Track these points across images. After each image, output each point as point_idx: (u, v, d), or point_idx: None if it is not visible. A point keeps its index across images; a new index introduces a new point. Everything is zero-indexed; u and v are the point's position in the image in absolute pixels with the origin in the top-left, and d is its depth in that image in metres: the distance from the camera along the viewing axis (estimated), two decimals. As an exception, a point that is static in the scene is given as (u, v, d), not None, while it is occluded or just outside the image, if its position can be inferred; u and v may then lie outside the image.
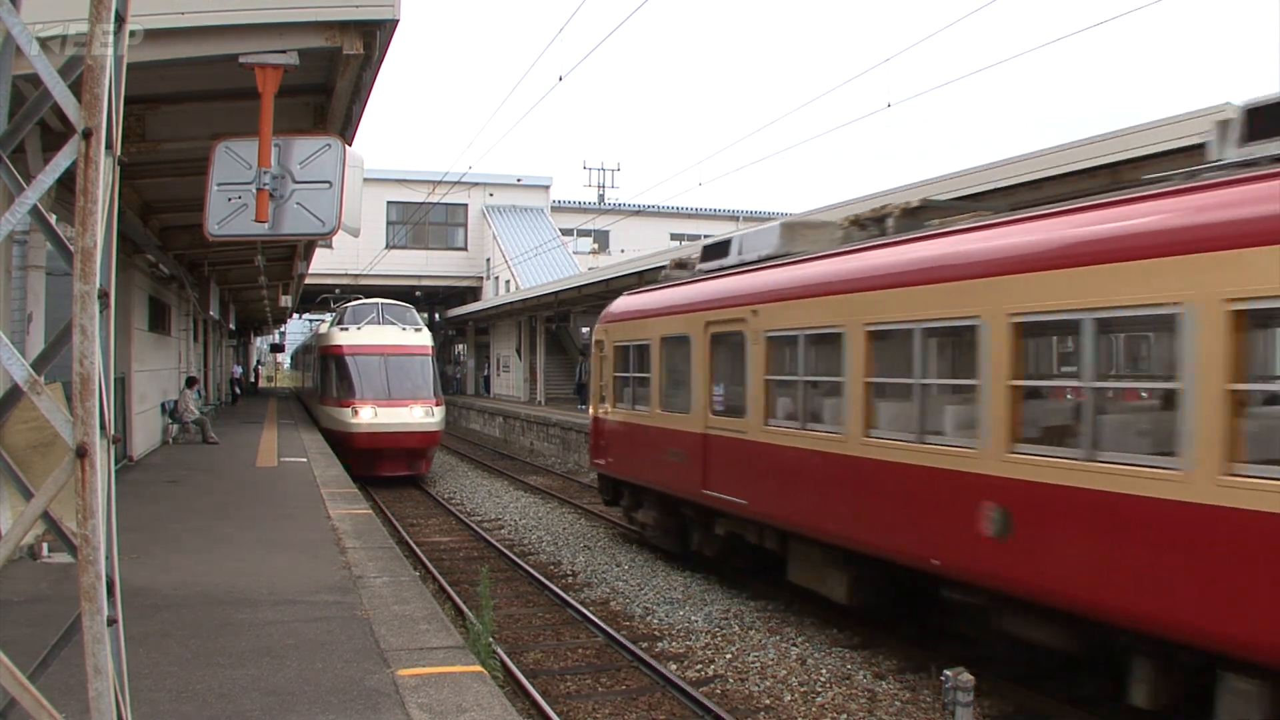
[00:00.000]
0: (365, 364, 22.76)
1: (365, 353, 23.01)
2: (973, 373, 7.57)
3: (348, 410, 21.98)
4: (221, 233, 6.90)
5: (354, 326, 23.90)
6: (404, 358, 23.23)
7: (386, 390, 22.30)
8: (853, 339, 8.86)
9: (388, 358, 23.01)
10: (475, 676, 6.02)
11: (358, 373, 22.60)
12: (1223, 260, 5.67)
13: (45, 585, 7.98)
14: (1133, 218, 6.51)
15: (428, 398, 22.60)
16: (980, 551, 7.26)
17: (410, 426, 21.86)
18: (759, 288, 10.68)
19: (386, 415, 21.78)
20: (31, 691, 3.26)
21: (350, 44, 6.95)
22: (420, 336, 24.15)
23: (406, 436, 21.85)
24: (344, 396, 22.42)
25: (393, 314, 24.75)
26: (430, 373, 23.31)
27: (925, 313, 7.99)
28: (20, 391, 3.35)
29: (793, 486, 9.88)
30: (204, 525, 11.11)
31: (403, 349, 23.39)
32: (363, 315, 24.47)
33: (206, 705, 5.37)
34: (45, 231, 3.63)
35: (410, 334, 24.03)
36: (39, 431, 6.36)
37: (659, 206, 45.40)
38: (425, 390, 22.77)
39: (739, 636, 9.95)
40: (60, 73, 3.37)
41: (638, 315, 14.08)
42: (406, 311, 25.28)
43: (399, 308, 25.40)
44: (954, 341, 8.43)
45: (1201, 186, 6.17)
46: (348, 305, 25.85)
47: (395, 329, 23.96)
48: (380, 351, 23.08)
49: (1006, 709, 7.89)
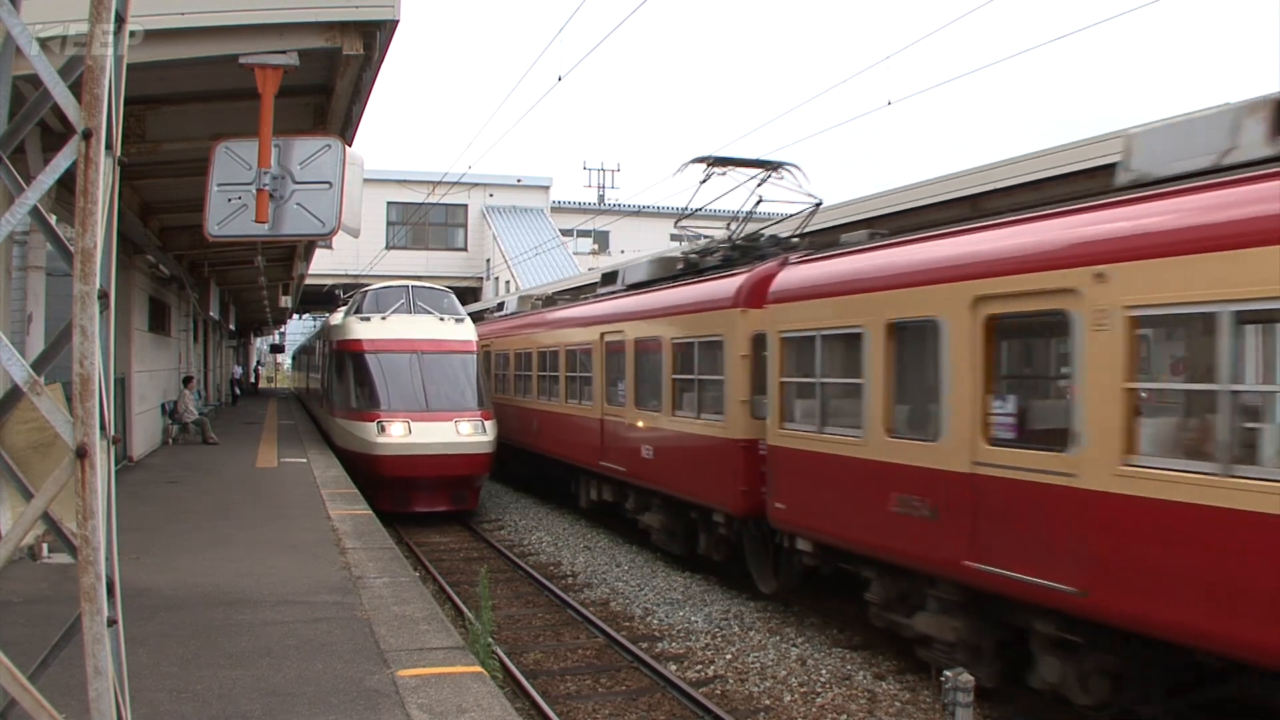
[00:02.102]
0: (393, 365, 17.80)
1: (393, 350, 17.98)
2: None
3: (370, 426, 16.89)
4: (221, 233, 6.90)
5: (377, 316, 18.72)
6: (444, 356, 18.19)
7: (422, 399, 17.33)
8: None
9: (423, 356, 17.94)
10: (475, 677, 6.02)
11: (383, 376, 17.64)
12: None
13: (45, 585, 7.98)
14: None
15: (475, 409, 17.58)
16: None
17: (454, 448, 16.80)
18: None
19: (423, 433, 16.74)
20: (31, 692, 3.26)
21: (350, 44, 6.97)
22: (463, 329, 18.94)
23: (449, 461, 16.79)
24: (365, 408, 17.37)
25: (427, 299, 19.48)
26: (477, 375, 18.34)
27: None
28: (20, 392, 3.35)
29: None
30: (204, 526, 11.11)
31: (442, 345, 18.35)
32: (388, 301, 19.21)
33: (206, 705, 5.37)
34: (45, 232, 3.63)
35: (450, 325, 18.86)
36: (39, 432, 6.37)
37: (659, 207, 45.41)
38: (471, 398, 17.80)
39: (739, 637, 9.94)
40: (60, 73, 3.37)
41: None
42: (444, 297, 19.91)
43: (434, 292, 20.08)
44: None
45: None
46: (367, 290, 20.37)
47: (431, 319, 18.80)
48: (413, 348, 18.01)
49: (1006, 709, 7.89)
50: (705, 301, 11.91)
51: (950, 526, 7.54)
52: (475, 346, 18.70)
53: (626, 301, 14.77)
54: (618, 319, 14.71)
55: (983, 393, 7.38)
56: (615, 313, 14.96)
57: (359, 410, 17.56)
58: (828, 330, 9.33)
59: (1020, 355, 9.20)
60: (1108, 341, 6.32)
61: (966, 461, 7.42)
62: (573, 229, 44.88)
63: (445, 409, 17.22)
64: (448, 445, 16.74)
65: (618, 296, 15.36)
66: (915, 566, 8.17)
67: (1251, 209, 5.70)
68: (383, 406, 17.15)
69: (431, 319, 18.81)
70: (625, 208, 45.43)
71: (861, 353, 8.75)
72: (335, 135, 7.88)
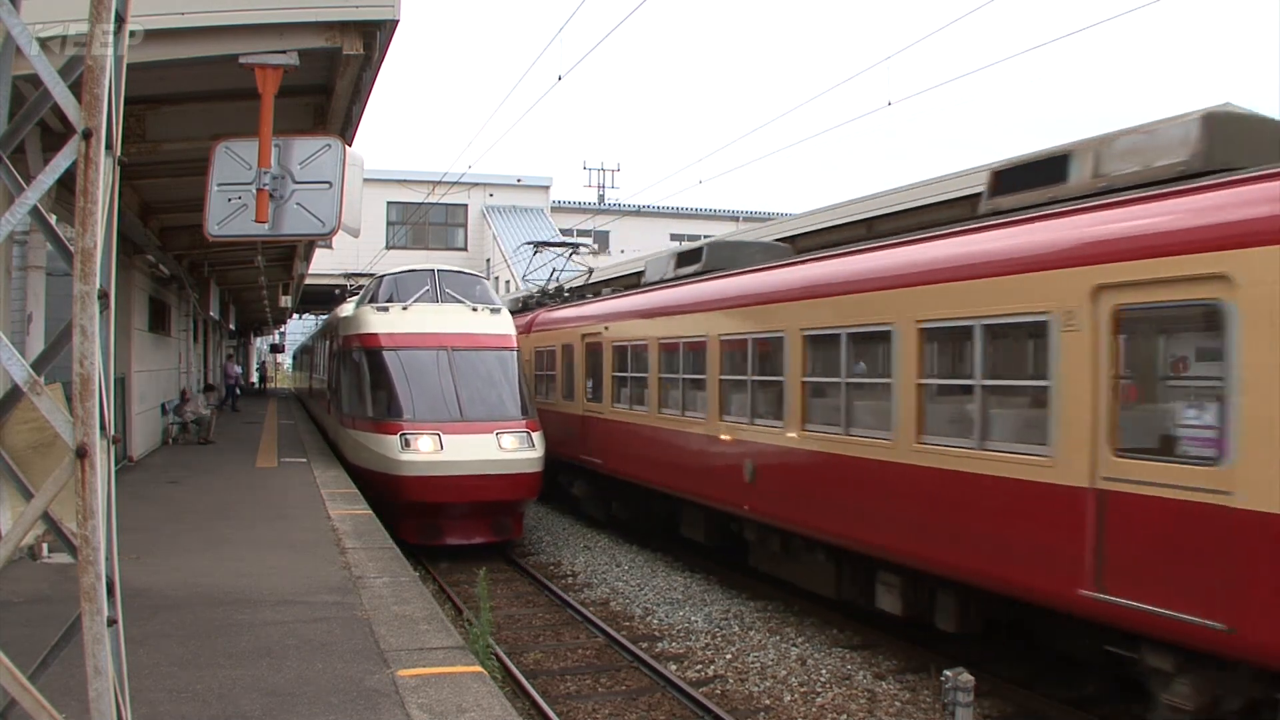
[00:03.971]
0: (418, 364, 14.76)
1: (418, 345, 14.95)
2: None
3: (391, 440, 13.85)
4: (221, 233, 6.90)
5: (397, 305, 15.71)
6: (479, 354, 15.14)
7: (456, 406, 14.30)
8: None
9: (454, 354, 14.89)
10: (475, 677, 6.02)
11: (406, 378, 14.61)
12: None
13: (45, 585, 7.97)
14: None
15: (519, 417, 14.54)
16: None
17: (497, 466, 13.72)
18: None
19: (458, 448, 13.70)
20: (31, 692, 3.25)
21: (350, 44, 6.97)
22: (499, 321, 15.85)
23: (491, 483, 13.63)
24: (385, 417, 14.36)
25: (456, 286, 16.35)
26: (518, 377, 15.28)
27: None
28: (20, 392, 3.35)
29: None
30: (204, 526, 11.10)
31: (477, 339, 15.23)
32: (410, 288, 16.11)
33: (206, 705, 5.37)
34: (45, 232, 3.63)
35: (485, 317, 15.75)
36: (39, 432, 6.37)
37: (659, 207, 45.44)
38: (514, 405, 14.77)
39: (739, 637, 9.95)
40: (60, 73, 3.37)
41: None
42: (475, 283, 16.87)
43: (464, 277, 17.04)
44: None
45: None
46: (384, 275, 17.33)
47: (462, 309, 15.75)
48: (442, 343, 14.95)
49: (1006, 709, 7.90)
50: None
51: None
52: (515, 341, 15.71)
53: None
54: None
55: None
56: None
57: (377, 420, 14.55)
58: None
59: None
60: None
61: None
62: (573, 229, 44.88)
63: (484, 418, 14.22)
64: (488, 463, 13.66)
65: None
66: None
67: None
68: (406, 415, 14.11)
69: (462, 309, 15.72)
70: (625, 208, 45.45)
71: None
72: (335, 135, 7.88)
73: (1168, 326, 6.97)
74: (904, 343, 8.50)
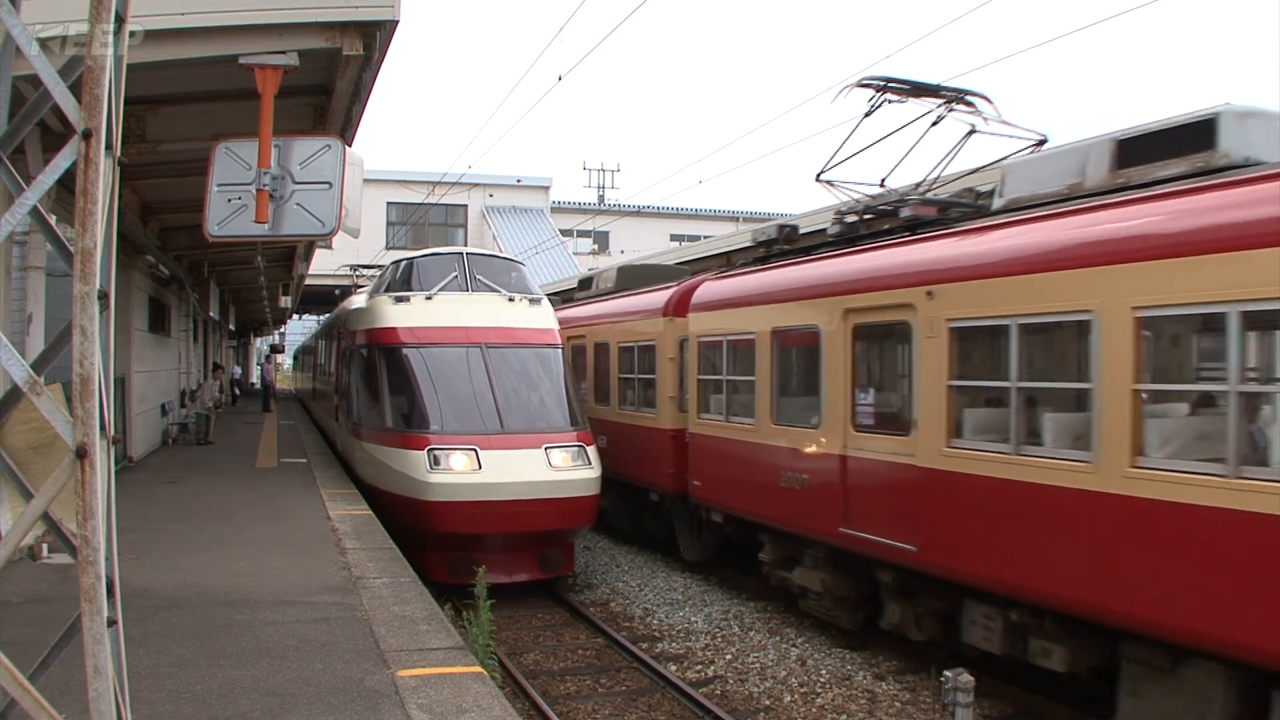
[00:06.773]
0: (447, 365, 12.42)
1: (446, 342, 12.59)
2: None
3: (417, 457, 11.47)
4: (221, 234, 6.91)
5: (419, 295, 13.24)
6: (520, 352, 12.78)
7: (494, 416, 11.93)
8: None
9: (489, 352, 12.50)
10: (475, 677, 6.02)
11: (433, 382, 12.30)
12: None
13: (45, 586, 7.97)
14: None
15: (569, 428, 12.23)
16: None
17: (546, 488, 11.39)
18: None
19: (499, 467, 11.37)
20: (31, 692, 3.25)
21: (350, 45, 6.97)
22: (541, 313, 13.48)
23: (539, 509, 11.31)
24: (408, 428, 12.06)
25: (489, 272, 13.86)
26: (565, 380, 12.94)
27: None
28: (20, 392, 3.35)
29: None
30: (204, 526, 11.10)
31: (515, 335, 12.88)
32: (434, 275, 13.61)
33: (206, 706, 5.37)
34: (45, 232, 3.62)
35: (525, 309, 13.37)
36: (39, 432, 6.35)
37: (659, 207, 45.48)
38: (561, 414, 12.46)
39: (739, 637, 9.95)
40: (60, 73, 3.36)
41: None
42: (511, 270, 14.33)
43: (498, 262, 14.59)
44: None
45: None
46: (403, 260, 14.67)
47: (497, 299, 13.35)
48: (474, 339, 12.60)
49: (1006, 709, 7.90)
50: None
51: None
52: (559, 337, 13.32)
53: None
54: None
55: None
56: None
57: (398, 431, 12.16)
58: None
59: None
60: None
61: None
62: (572, 229, 44.91)
63: (528, 430, 11.86)
64: (537, 485, 11.31)
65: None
66: None
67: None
68: (434, 427, 11.77)
69: (498, 299, 13.31)
70: (625, 208, 45.48)
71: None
72: (335, 135, 7.89)
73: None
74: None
